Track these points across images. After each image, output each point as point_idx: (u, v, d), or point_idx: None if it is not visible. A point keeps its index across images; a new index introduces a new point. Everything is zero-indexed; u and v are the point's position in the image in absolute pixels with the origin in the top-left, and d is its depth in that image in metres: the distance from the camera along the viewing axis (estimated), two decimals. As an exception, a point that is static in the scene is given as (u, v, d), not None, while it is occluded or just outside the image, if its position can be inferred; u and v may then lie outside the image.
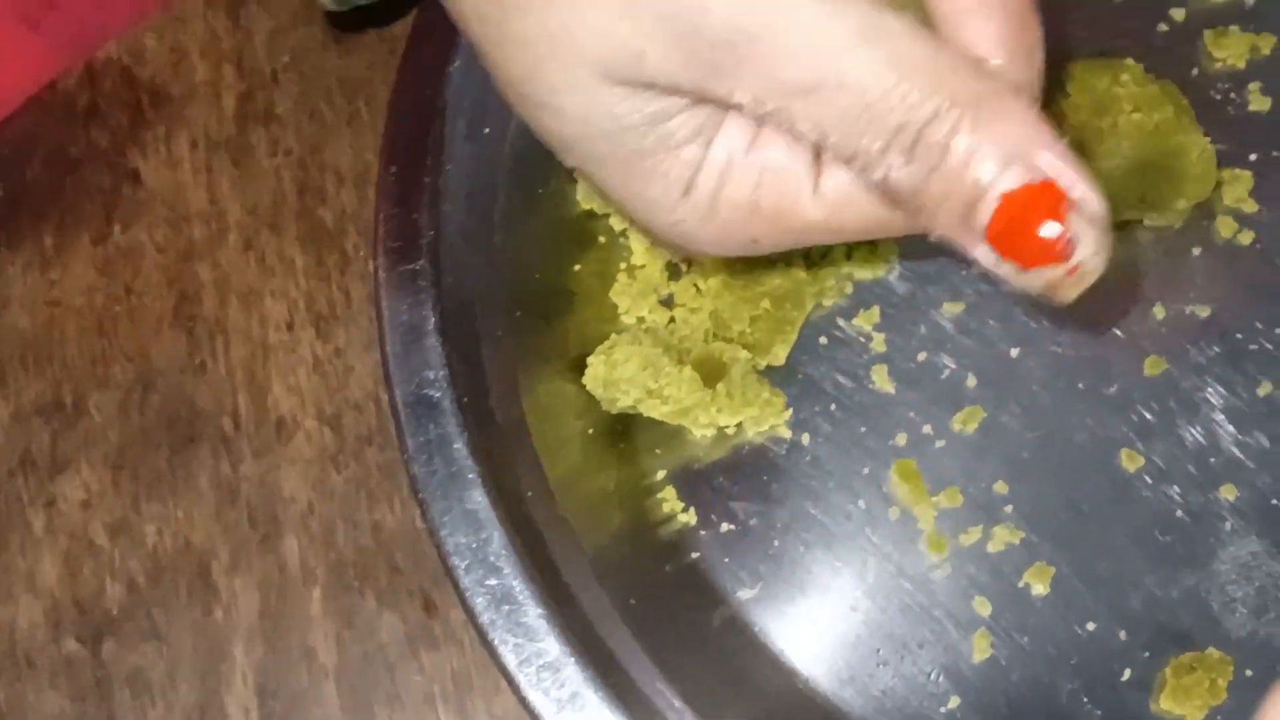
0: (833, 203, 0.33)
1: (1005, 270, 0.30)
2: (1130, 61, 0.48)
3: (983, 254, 0.30)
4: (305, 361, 0.50)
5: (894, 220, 0.32)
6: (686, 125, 0.32)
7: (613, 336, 0.46)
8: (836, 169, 0.32)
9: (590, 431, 0.45)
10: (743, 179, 0.33)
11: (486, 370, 0.42)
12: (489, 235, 0.44)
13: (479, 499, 0.40)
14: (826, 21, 0.29)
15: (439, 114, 0.44)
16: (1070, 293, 0.30)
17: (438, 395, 0.41)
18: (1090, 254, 0.29)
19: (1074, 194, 0.29)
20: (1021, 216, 0.29)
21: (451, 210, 0.43)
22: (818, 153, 0.33)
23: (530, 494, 0.41)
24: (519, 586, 0.40)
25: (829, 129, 0.29)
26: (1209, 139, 0.49)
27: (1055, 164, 0.29)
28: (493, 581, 0.40)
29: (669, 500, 0.46)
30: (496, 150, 0.45)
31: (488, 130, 0.45)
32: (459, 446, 0.41)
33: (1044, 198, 0.29)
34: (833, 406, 0.47)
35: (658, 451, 0.47)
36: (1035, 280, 0.30)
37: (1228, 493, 0.45)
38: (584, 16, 0.30)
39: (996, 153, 0.29)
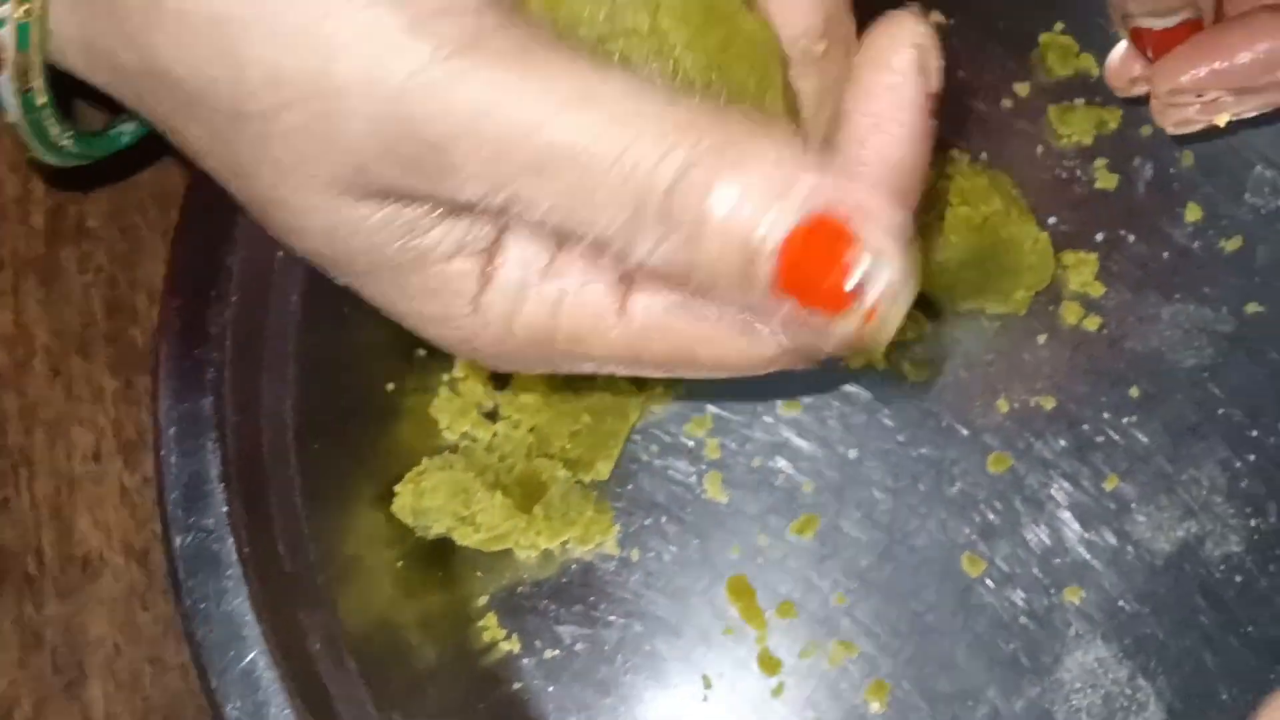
0: (639, 328, 0.30)
1: (811, 328, 0.26)
2: (955, 153, 0.46)
3: (780, 315, 0.26)
4: (113, 493, 0.47)
5: (706, 345, 0.29)
6: (447, 238, 0.29)
7: (424, 461, 0.43)
8: (641, 286, 0.30)
9: (401, 564, 0.43)
10: (540, 301, 0.30)
11: (275, 516, 0.40)
12: (283, 369, 0.42)
13: (259, 660, 0.38)
14: (541, 89, 0.25)
15: (227, 242, 0.42)
16: (883, 333, 0.26)
17: (217, 547, 0.39)
18: (889, 288, 0.25)
19: (861, 226, 0.25)
20: (805, 261, 0.25)
21: (239, 344, 0.41)
22: (622, 273, 0.30)
23: (318, 647, 0.39)
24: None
25: (574, 210, 0.26)
26: (1049, 226, 0.47)
27: (826, 191, 0.25)
28: (273, 747, 0.37)
29: (490, 628, 0.44)
30: (290, 275, 0.42)
31: (280, 254, 0.42)
32: (240, 602, 0.38)
33: (824, 236, 0.25)
34: (664, 519, 0.45)
35: (479, 575, 0.45)
36: (844, 328, 0.26)
37: (1073, 595, 0.43)
38: (302, 135, 0.27)
39: (758, 196, 0.25)
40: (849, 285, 0.25)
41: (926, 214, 0.46)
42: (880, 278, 0.25)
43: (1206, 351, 0.46)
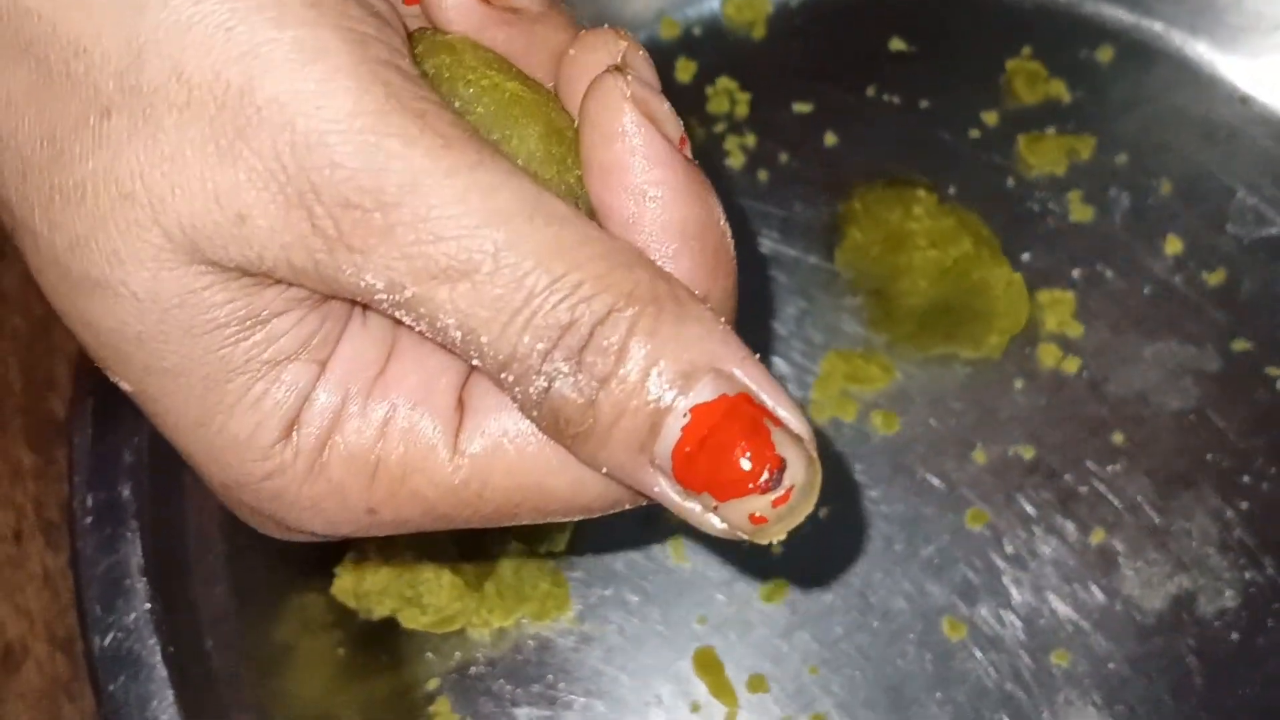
0: (478, 459, 0.26)
1: (693, 506, 0.24)
2: (922, 192, 0.45)
3: (665, 488, 0.24)
4: (35, 577, 0.45)
5: (556, 480, 0.26)
6: (295, 333, 0.25)
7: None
8: (484, 414, 0.26)
9: (342, 650, 0.41)
10: (364, 424, 0.26)
11: (201, 609, 0.38)
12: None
13: (184, 766, 0.36)
14: (484, 193, 0.23)
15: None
16: (776, 529, 0.24)
17: (139, 648, 0.37)
18: (800, 478, 0.24)
19: (776, 410, 0.24)
20: (715, 437, 0.24)
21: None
22: (459, 397, 0.26)
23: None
24: None
25: (480, 325, 0.24)
26: (1022, 263, 0.46)
27: (754, 374, 0.24)
28: None
29: (442, 714, 0.42)
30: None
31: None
32: (164, 707, 0.36)
33: (742, 413, 0.24)
34: (624, 589, 0.43)
35: (429, 656, 0.43)
36: (733, 514, 0.24)
37: (1060, 658, 0.42)
38: (169, 163, 0.23)
39: (683, 362, 0.24)
40: (762, 468, 0.24)
41: (894, 255, 0.44)
42: (796, 463, 0.24)
43: (1192, 393, 0.45)
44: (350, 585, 0.41)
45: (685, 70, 0.49)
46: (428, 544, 0.42)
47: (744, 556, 0.44)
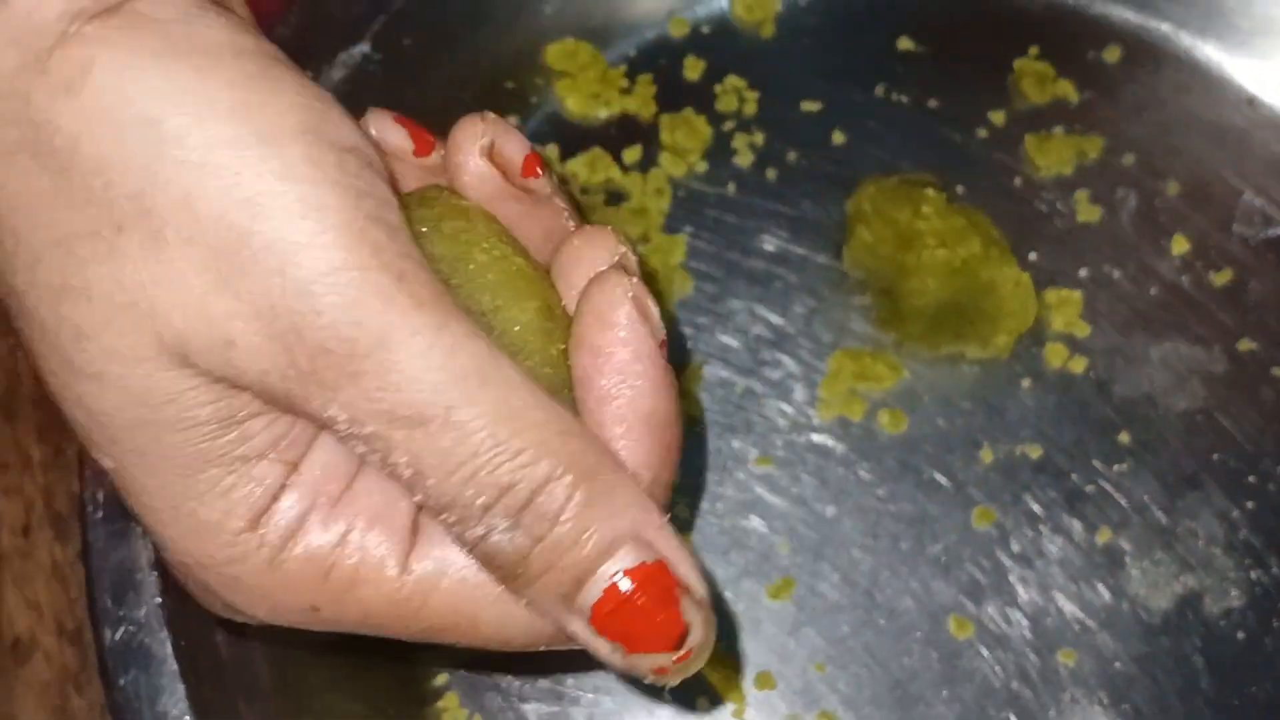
0: (422, 581, 0.29)
1: (604, 646, 0.28)
2: (931, 191, 0.45)
3: (581, 630, 0.28)
4: (44, 569, 0.45)
5: (487, 613, 0.29)
6: (267, 434, 0.28)
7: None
8: (434, 541, 0.29)
9: (351, 644, 0.41)
10: (325, 531, 0.28)
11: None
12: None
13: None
14: (445, 353, 0.26)
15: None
16: (674, 679, 0.28)
17: (149, 641, 0.37)
18: (700, 640, 0.28)
19: (686, 579, 0.28)
20: (633, 599, 0.27)
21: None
22: (414, 520, 0.29)
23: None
24: None
25: (428, 470, 0.27)
26: (1029, 263, 0.46)
27: (670, 545, 0.28)
28: None
29: (450, 709, 0.42)
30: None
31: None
32: (174, 701, 0.37)
33: (658, 580, 0.28)
34: (632, 586, 0.43)
35: (437, 650, 0.43)
36: (640, 664, 0.28)
37: (1066, 658, 0.42)
38: (172, 282, 0.26)
39: (611, 530, 0.27)
40: (673, 628, 0.28)
41: (903, 254, 0.44)
42: (697, 624, 0.28)
43: (1199, 394, 0.45)
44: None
45: (694, 69, 0.49)
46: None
47: (750, 555, 0.44)
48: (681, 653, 0.28)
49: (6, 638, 0.45)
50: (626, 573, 0.27)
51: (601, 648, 0.28)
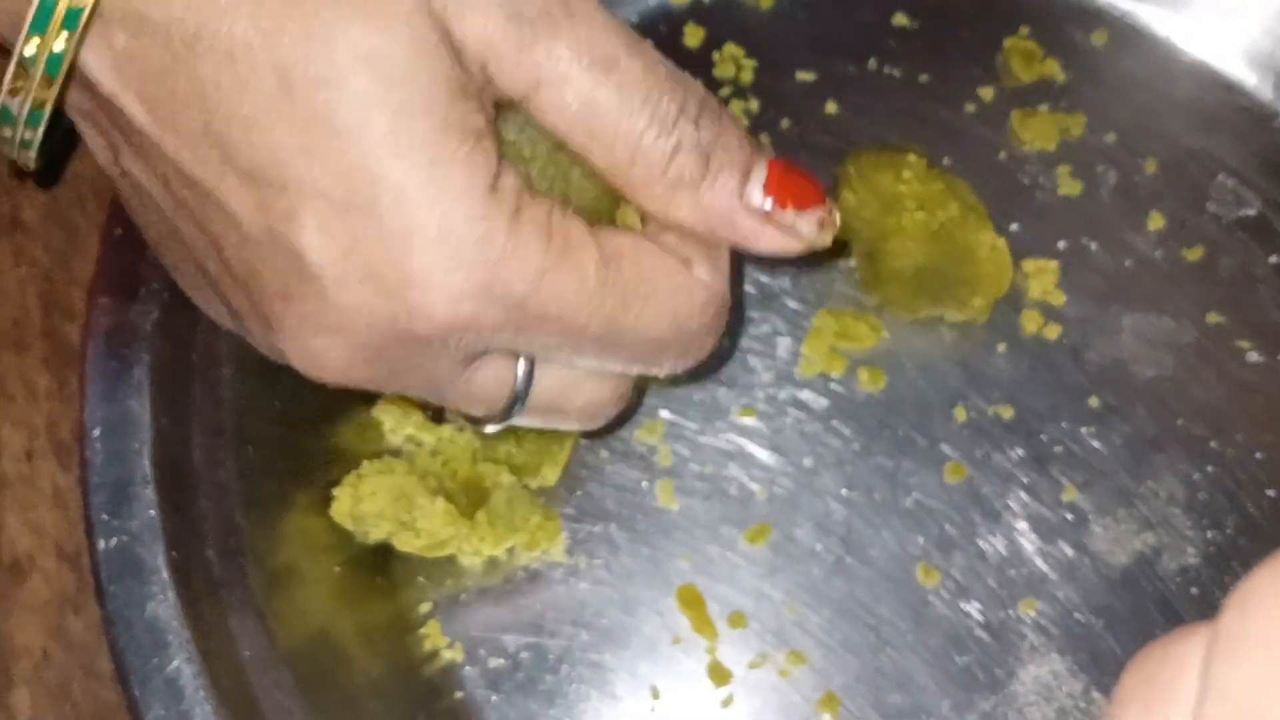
0: (611, 251, 0.34)
1: (781, 222, 0.35)
2: (913, 157, 0.47)
3: (745, 220, 0.35)
4: (45, 495, 0.47)
5: (667, 275, 0.34)
6: (482, 114, 0.32)
7: (364, 464, 0.44)
8: (612, 231, 0.35)
9: (339, 569, 0.43)
10: (535, 202, 0.33)
11: (206, 520, 0.40)
12: (216, 370, 0.42)
13: (183, 668, 0.38)
14: (617, 24, 0.33)
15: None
16: (828, 233, 0.36)
17: (142, 551, 0.39)
18: (831, 203, 0.37)
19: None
20: (789, 171, 0.35)
21: (170, 344, 0.41)
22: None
23: (249, 655, 0.39)
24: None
25: (632, 90, 0.33)
26: (1007, 230, 0.48)
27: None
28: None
29: (431, 636, 0.44)
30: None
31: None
32: (165, 608, 0.38)
33: (788, 163, 0.36)
34: (613, 527, 0.45)
35: (421, 581, 0.45)
36: (805, 223, 0.35)
37: (1028, 608, 0.44)
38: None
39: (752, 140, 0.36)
40: (822, 187, 0.36)
41: (886, 218, 0.47)
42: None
43: (1167, 362, 0.47)
44: (348, 507, 0.43)
45: (694, 36, 0.51)
46: (424, 471, 0.44)
47: (729, 501, 0.46)
48: (829, 205, 0.36)
49: (6, 559, 0.47)
50: (770, 161, 0.35)
51: (777, 219, 0.35)
